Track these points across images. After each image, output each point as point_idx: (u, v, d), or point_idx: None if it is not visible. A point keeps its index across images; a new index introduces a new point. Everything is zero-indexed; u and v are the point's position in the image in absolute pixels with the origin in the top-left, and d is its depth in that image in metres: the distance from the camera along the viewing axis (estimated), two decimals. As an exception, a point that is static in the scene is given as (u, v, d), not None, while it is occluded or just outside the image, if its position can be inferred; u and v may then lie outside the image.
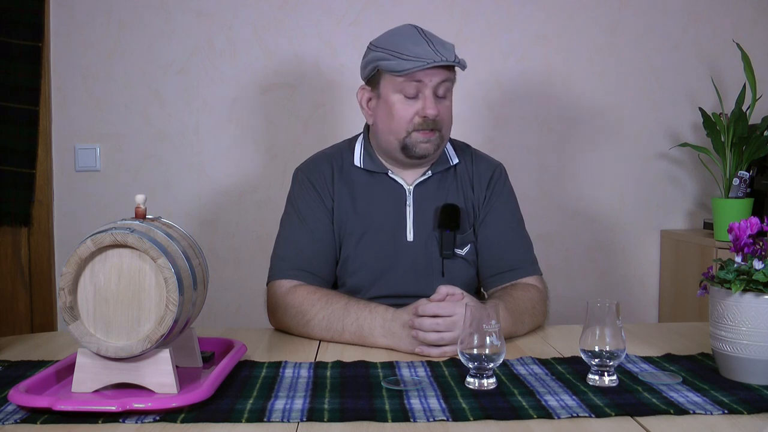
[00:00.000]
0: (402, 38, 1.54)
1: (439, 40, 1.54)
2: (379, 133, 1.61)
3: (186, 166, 2.71)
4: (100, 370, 1.08)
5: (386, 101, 1.56)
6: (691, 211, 2.85)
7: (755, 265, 1.13)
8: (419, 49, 1.50)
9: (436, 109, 1.54)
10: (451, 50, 1.53)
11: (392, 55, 1.52)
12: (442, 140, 1.59)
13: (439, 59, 1.49)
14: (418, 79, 1.52)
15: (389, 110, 1.56)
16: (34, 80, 2.62)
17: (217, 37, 2.69)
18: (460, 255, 1.62)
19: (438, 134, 1.56)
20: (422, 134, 1.55)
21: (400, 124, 1.55)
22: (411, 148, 1.56)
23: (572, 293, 2.72)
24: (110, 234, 1.05)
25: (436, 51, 1.50)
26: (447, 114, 1.58)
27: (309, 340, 1.47)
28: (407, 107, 1.54)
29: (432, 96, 1.54)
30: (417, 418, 1.01)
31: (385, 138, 1.59)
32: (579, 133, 2.79)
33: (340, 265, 1.63)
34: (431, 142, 1.56)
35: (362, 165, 1.64)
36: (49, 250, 2.70)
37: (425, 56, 1.49)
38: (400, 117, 1.55)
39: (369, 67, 1.58)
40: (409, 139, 1.56)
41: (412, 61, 1.49)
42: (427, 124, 1.54)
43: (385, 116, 1.57)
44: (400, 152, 1.58)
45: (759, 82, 2.55)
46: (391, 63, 1.51)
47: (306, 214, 1.62)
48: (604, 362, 1.15)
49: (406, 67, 1.49)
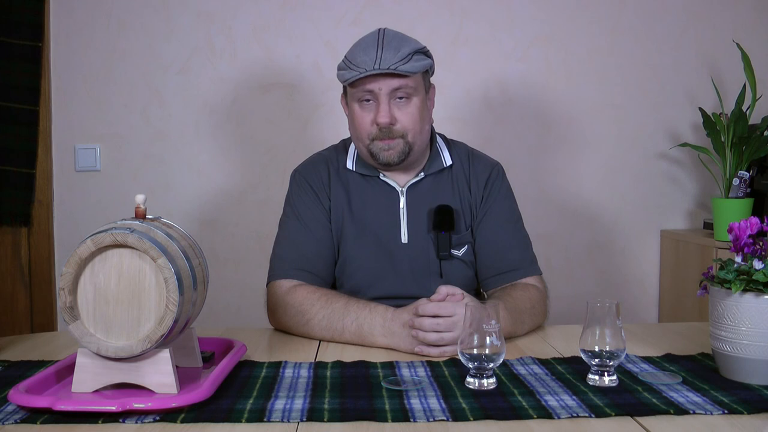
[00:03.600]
0: (360, 45, 1.55)
1: (394, 45, 1.51)
2: (353, 139, 1.64)
3: (186, 166, 2.71)
4: (100, 370, 1.08)
5: (351, 109, 1.59)
6: (691, 211, 2.85)
7: (755, 265, 1.13)
8: (365, 57, 1.50)
9: (389, 117, 1.52)
10: (402, 54, 1.49)
11: (345, 64, 1.55)
12: (410, 146, 1.57)
13: (373, 68, 1.48)
14: (369, 89, 1.52)
15: (352, 118, 1.59)
16: (34, 80, 2.62)
17: (217, 37, 2.69)
18: (457, 256, 1.62)
19: (401, 141, 1.55)
20: (382, 142, 1.55)
21: (360, 132, 1.57)
22: (376, 156, 1.57)
23: (572, 293, 2.72)
24: (110, 234, 1.05)
25: (378, 59, 1.49)
26: (410, 119, 1.55)
27: (309, 340, 1.47)
28: (365, 115, 1.55)
29: (386, 103, 1.52)
30: (417, 418, 1.01)
31: (357, 145, 1.62)
32: (579, 133, 2.79)
33: (339, 266, 1.63)
34: (393, 149, 1.55)
35: (354, 168, 1.65)
36: (49, 250, 2.70)
37: (365, 65, 1.50)
38: (359, 125, 1.57)
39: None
40: (373, 147, 1.56)
41: (354, 70, 1.51)
42: (383, 132, 1.54)
43: (351, 124, 1.61)
44: (371, 159, 1.60)
45: (759, 82, 2.55)
46: (342, 73, 1.55)
47: (304, 214, 1.62)
48: (604, 362, 1.15)
49: (347, 77, 1.52)
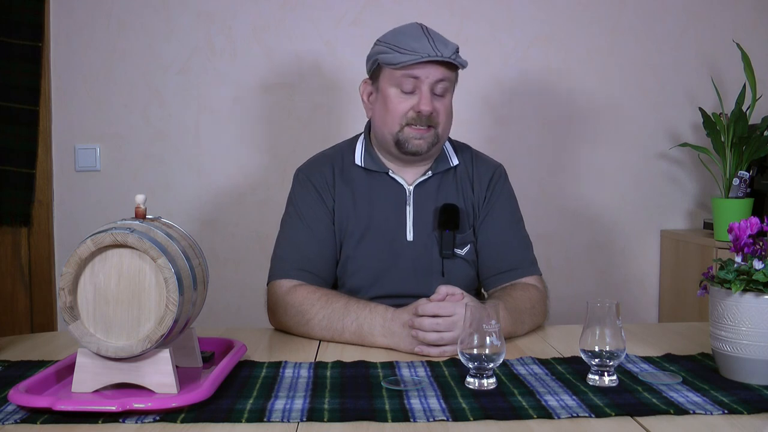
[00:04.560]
0: (404, 34, 1.56)
1: (441, 39, 1.55)
2: (375, 126, 1.62)
3: (186, 166, 2.71)
4: (100, 370, 1.08)
5: (383, 94, 1.58)
6: (691, 211, 2.85)
7: (755, 265, 1.13)
8: (418, 44, 1.52)
9: (431, 106, 1.54)
10: (452, 49, 1.53)
11: (391, 48, 1.54)
12: (438, 139, 1.58)
13: (434, 54, 1.50)
14: (415, 75, 1.52)
15: (385, 103, 1.57)
16: (34, 80, 2.62)
17: (217, 37, 2.69)
18: (460, 255, 1.62)
19: (433, 132, 1.56)
20: (415, 130, 1.55)
21: (393, 117, 1.56)
22: (404, 144, 1.57)
23: (572, 293, 2.72)
24: (110, 234, 1.05)
25: (434, 47, 1.51)
26: (444, 112, 1.58)
27: (309, 340, 1.47)
28: (402, 101, 1.55)
29: (429, 92, 1.54)
30: (417, 418, 1.01)
31: (380, 132, 1.60)
32: (579, 133, 2.79)
33: (341, 266, 1.63)
34: (424, 139, 1.56)
35: (363, 164, 1.64)
36: (49, 250, 2.70)
37: (422, 51, 1.51)
38: (395, 110, 1.55)
39: (370, 61, 1.61)
40: (402, 134, 1.56)
41: (408, 54, 1.51)
42: (420, 120, 1.54)
43: (381, 109, 1.59)
44: (394, 147, 1.59)
45: (759, 82, 2.55)
46: (389, 56, 1.53)
47: (306, 214, 1.62)
48: (604, 362, 1.15)
49: (401, 60, 1.51)
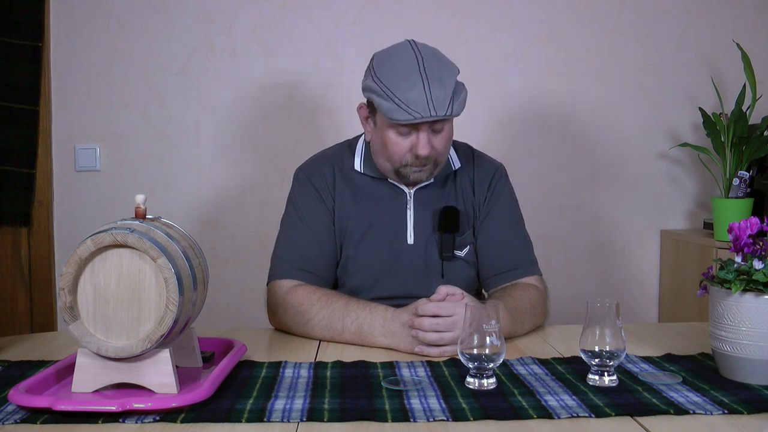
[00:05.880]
0: (399, 73, 1.47)
1: (437, 77, 1.45)
2: (376, 155, 1.61)
3: (186, 166, 2.71)
4: (100, 370, 1.08)
5: (381, 132, 1.54)
6: (691, 211, 2.85)
7: (755, 265, 1.13)
8: (414, 93, 1.43)
9: (429, 148, 1.50)
10: (449, 91, 1.45)
11: (387, 95, 1.46)
12: (437, 166, 1.57)
13: (428, 115, 1.44)
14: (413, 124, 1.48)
15: (384, 141, 1.53)
16: (34, 80, 2.62)
17: (217, 37, 2.69)
18: (460, 256, 1.62)
19: (432, 164, 1.55)
20: (415, 167, 1.54)
21: (393, 157, 1.54)
22: (405, 176, 1.57)
23: (572, 293, 2.72)
24: (110, 234, 1.05)
25: (430, 99, 1.43)
26: (443, 144, 1.54)
27: (309, 340, 1.47)
28: (401, 142, 1.51)
29: (426, 136, 1.49)
30: (417, 418, 1.01)
31: (382, 164, 1.59)
32: (579, 132, 2.79)
33: (341, 266, 1.63)
34: (424, 171, 1.56)
35: (363, 170, 1.64)
36: (49, 250, 2.70)
37: (416, 108, 1.43)
38: (394, 152, 1.53)
39: (365, 94, 1.54)
40: (403, 170, 1.55)
41: (403, 111, 1.44)
42: (420, 161, 1.52)
43: (380, 145, 1.56)
44: (394, 176, 1.59)
45: (759, 82, 2.55)
46: (385, 106, 1.46)
47: (307, 214, 1.62)
48: (604, 362, 1.15)
49: (397, 118, 1.45)
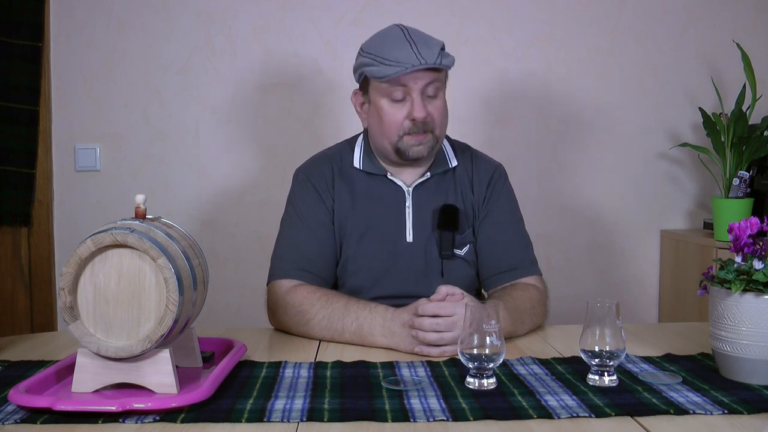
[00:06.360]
0: (386, 41, 1.53)
1: (423, 40, 1.52)
2: (373, 136, 1.62)
3: (186, 166, 2.71)
4: (100, 370, 1.08)
5: (376, 106, 1.57)
6: (691, 211, 2.85)
7: (755, 265, 1.13)
8: (401, 52, 1.49)
9: (425, 111, 1.53)
10: (436, 50, 1.51)
11: (376, 60, 1.52)
12: (436, 140, 1.58)
13: (418, 63, 1.48)
14: (403, 84, 1.51)
15: (379, 115, 1.56)
16: (34, 80, 2.62)
17: (217, 37, 2.69)
18: (460, 255, 1.62)
19: (431, 135, 1.56)
20: (414, 138, 1.54)
21: (390, 128, 1.55)
22: (404, 152, 1.57)
23: (572, 293, 2.72)
24: (110, 234, 1.05)
25: (418, 53, 1.49)
26: (438, 113, 1.57)
27: (309, 340, 1.47)
28: (396, 111, 1.54)
29: (420, 98, 1.52)
30: (417, 418, 1.01)
31: (379, 142, 1.60)
32: (579, 133, 2.79)
33: (341, 266, 1.63)
34: (424, 145, 1.56)
35: (361, 167, 1.64)
36: (49, 250, 2.70)
37: (406, 60, 1.48)
38: (390, 122, 1.55)
39: (357, 72, 1.60)
40: (402, 143, 1.56)
41: (393, 66, 1.49)
42: (417, 127, 1.54)
43: (377, 121, 1.58)
44: (394, 155, 1.59)
45: (759, 82, 2.55)
46: (375, 69, 1.51)
47: (306, 214, 1.62)
48: (604, 362, 1.15)
49: (387, 73, 1.49)
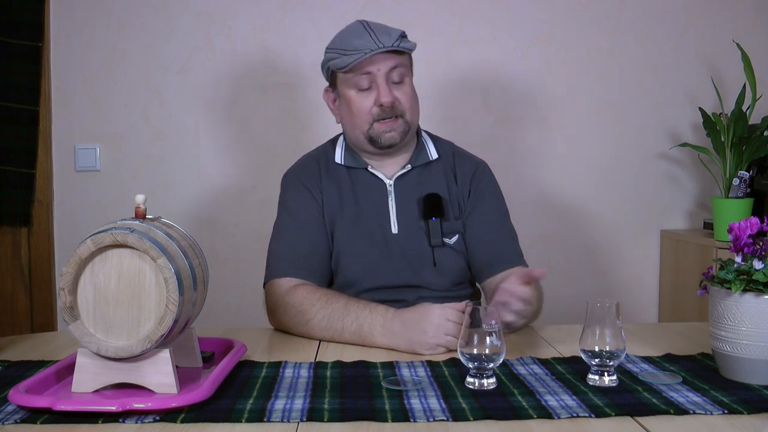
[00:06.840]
0: (346, 35, 1.60)
1: (383, 29, 1.58)
2: (347, 129, 1.66)
3: (186, 166, 2.71)
4: (100, 370, 1.08)
5: (345, 98, 1.61)
6: (691, 211, 2.85)
7: (755, 265, 1.13)
8: (360, 41, 1.55)
9: (391, 96, 1.57)
10: (395, 36, 1.56)
11: (338, 53, 1.58)
12: (409, 126, 1.61)
13: (376, 47, 1.53)
14: (366, 71, 1.56)
15: (349, 106, 1.61)
16: (34, 80, 2.62)
17: (217, 37, 2.69)
18: (449, 244, 1.63)
19: (402, 120, 1.59)
20: (384, 124, 1.58)
21: (360, 117, 1.59)
22: (377, 140, 1.60)
23: (572, 293, 2.72)
24: (110, 234, 1.05)
25: (376, 39, 1.55)
26: (407, 97, 1.60)
27: (309, 340, 1.47)
28: (363, 99, 1.58)
29: (385, 83, 1.57)
30: (417, 418, 1.01)
31: (353, 134, 1.64)
32: (579, 133, 2.78)
33: (334, 260, 1.64)
34: (395, 131, 1.59)
35: (343, 162, 1.67)
36: (49, 250, 2.70)
37: (364, 47, 1.54)
38: (359, 110, 1.59)
39: (324, 69, 1.65)
40: (373, 131, 1.59)
41: (353, 54, 1.54)
42: (385, 112, 1.57)
43: (347, 113, 1.62)
44: (368, 144, 1.62)
45: (759, 82, 2.55)
46: (337, 61, 1.57)
47: (299, 212, 1.63)
48: (604, 362, 1.15)
49: (348, 62, 1.55)
